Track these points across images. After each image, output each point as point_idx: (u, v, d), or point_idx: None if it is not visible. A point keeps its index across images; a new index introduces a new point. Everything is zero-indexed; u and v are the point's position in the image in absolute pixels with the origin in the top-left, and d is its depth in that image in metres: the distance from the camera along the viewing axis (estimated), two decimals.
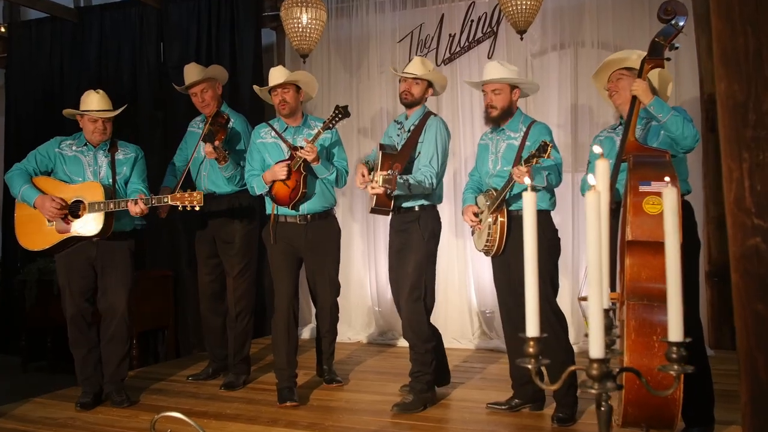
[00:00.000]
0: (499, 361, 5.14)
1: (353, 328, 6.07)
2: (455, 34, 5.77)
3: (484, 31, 5.67)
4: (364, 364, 5.22)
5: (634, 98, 3.30)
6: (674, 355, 1.54)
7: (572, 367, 1.66)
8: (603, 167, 1.56)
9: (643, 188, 2.74)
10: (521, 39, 5.01)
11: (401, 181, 3.80)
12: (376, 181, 3.75)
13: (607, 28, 5.34)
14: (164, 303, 6.24)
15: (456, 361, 5.13)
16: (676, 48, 3.28)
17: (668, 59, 3.29)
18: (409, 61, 5.76)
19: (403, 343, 5.80)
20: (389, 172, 3.69)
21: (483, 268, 5.75)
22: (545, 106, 5.51)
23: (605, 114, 5.35)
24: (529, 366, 1.62)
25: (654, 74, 3.42)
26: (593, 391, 1.45)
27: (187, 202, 4.00)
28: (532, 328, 1.63)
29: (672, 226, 1.53)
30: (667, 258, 1.55)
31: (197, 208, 4.02)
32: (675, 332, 1.54)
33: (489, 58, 5.61)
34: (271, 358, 5.39)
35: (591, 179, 1.49)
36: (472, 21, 5.71)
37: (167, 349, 6.34)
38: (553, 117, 5.46)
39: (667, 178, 1.69)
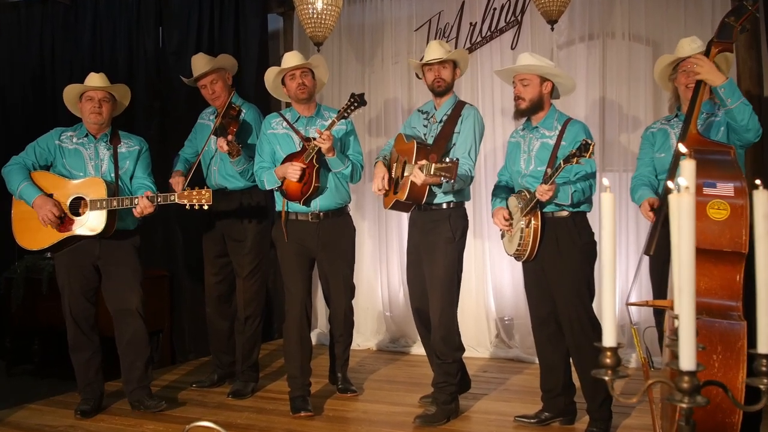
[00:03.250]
0: (521, 372, 5.16)
1: (363, 334, 6.06)
2: (476, 23, 5.76)
3: (507, 21, 5.66)
4: (378, 373, 5.22)
5: (698, 86, 3.27)
6: (764, 368, 1.55)
7: (651, 381, 1.66)
8: (690, 167, 1.56)
9: (707, 190, 2.72)
10: (552, 29, 5.01)
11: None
12: (418, 171, 3.73)
13: (638, 18, 5.33)
14: (159, 305, 6.21)
15: (474, 371, 5.12)
16: (746, 30, 3.26)
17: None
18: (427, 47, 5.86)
19: (416, 350, 5.84)
20: (449, 159, 3.63)
21: (502, 272, 5.76)
22: (571, 101, 5.48)
23: (635, 109, 5.36)
24: (606, 378, 1.63)
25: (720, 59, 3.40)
26: (683, 405, 1.45)
27: (195, 201, 3.98)
28: (609, 337, 1.63)
29: (764, 232, 1.53)
30: (757, 267, 1.56)
31: (206, 207, 4.00)
32: (765, 344, 1.55)
33: (512, 48, 5.61)
34: (278, 364, 5.43)
35: (682, 181, 1.49)
36: (495, 9, 5.70)
37: (162, 354, 6.33)
38: (580, 112, 5.45)
39: (758, 181, 1.69)
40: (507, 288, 5.77)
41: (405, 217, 5.98)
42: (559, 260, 3.73)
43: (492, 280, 5.81)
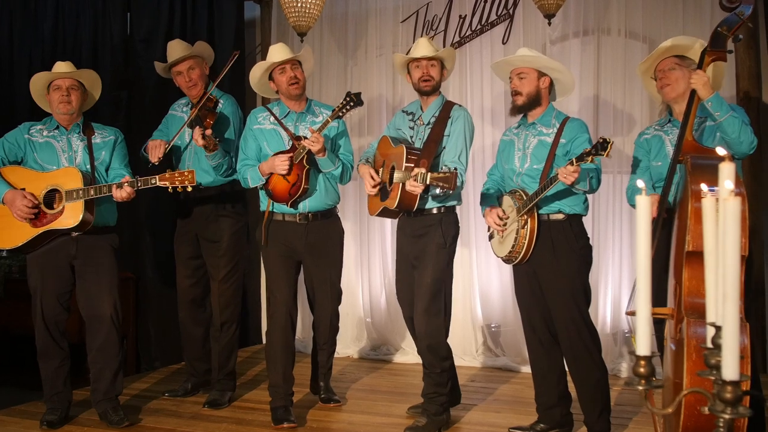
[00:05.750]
0: (509, 381, 5.20)
1: (342, 341, 6.02)
2: (466, 15, 5.79)
3: (498, 14, 5.70)
4: (361, 382, 5.22)
5: (693, 93, 3.36)
6: None
7: (687, 390, 1.69)
8: (729, 169, 1.59)
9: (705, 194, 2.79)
10: (549, 24, 5.05)
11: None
12: (413, 181, 3.72)
13: (635, 15, 5.39)
14: (125, 309, 6.08)
15: (462, 380, 5.11)
16: (740, 39, 3.37)
17: (730, 51, 3.37)
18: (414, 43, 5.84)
19: (399, 359, 5.85)
20: (447, 168, 3.64)
21: (489, 278, 5.79)
22: (564, 99, 5.48)
23: (631, 109, 5.43)
24: (640, 387, 1.65)
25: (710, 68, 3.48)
26: (726, 416, 1.48)
27: (178, 183, 3.98)
28: (643, 345, 1.66)
29: None
30: None
31: (189, 189, 4.00)
32: None
33: (504, 43, 5.65)
34: (253, 372, 5.42)
35: (729, 184, 1.52)
36: (485, 2, 5.72)
37: (127, 361, 6.26)
38: (573, 111, 5.49)
39: None
40: (494, 294, 5.80)
41: (388, 219, 5.99)
42: (556, 265, 3.75)
43: (479, 285, 5.83)
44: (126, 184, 3.96)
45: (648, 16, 5.39)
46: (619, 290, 5.44)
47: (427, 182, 3.64)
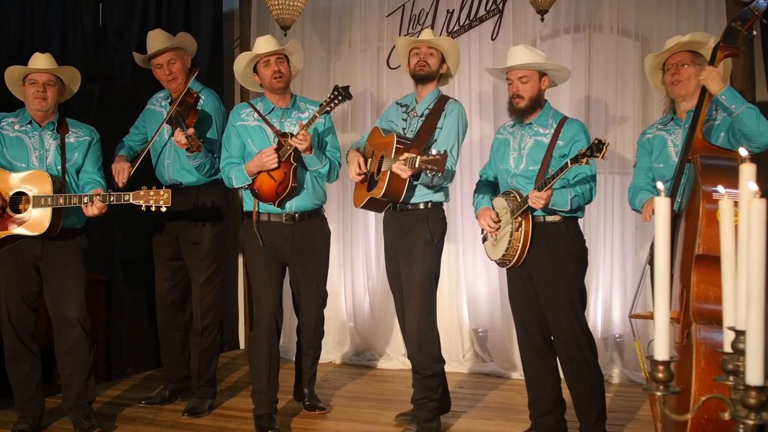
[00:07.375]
0: (498, 388, 5.21)
1: (324, 346, 5.89)
2: (454, 10, 5.81)
3: (487, 9, 5.72)
4: (345, 389, 5.22)
5: (704, 90, 3.38)
6: None
7: (707, 396, 1.70)
8: (751, 170, 1.61)
9: (719, 197, 2.81)
10: (542, 20, 5.09)
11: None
12: (401, 164, 3.73)
13: (628, 11, 5.43)
14: (95, 313, 6.06)
15: (450, 387, 5.13)
16: (753, 36, 3.39)
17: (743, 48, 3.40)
18: (404, 33, 5.86)
19: (383, 364, 5.86)
20: (437, 151, 3.66)
21: (477, 280, 5.80)
22: (554, 98, 5.48)
23: (623, 108, 5.47)
24: (658, 393, 1.67)
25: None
26: (749, 422, 1.50)
27: (152, 202, 3.91)
28: (662, 350, 1.68)
29: None
30: None
31: (163, 209, 3.94)
32: None
33: (493, 39, 5.68)
34: (232, 379, 5.39)
35: (752, 186, 1.54)
36: None
37: (98, 367, 6.19)
38: (564, 109, 5.50)
39: None
40: (482, 297, 5.81)
41: (372, 219, 6.00)
42: (552, 268, 3.77)
43: (467, 288, 5.84)
44: (97, 198, 3.90)
45: (641, 13, 5.43)
46: (610, 294, 5.48)
47: (416, 165, 3.65)
